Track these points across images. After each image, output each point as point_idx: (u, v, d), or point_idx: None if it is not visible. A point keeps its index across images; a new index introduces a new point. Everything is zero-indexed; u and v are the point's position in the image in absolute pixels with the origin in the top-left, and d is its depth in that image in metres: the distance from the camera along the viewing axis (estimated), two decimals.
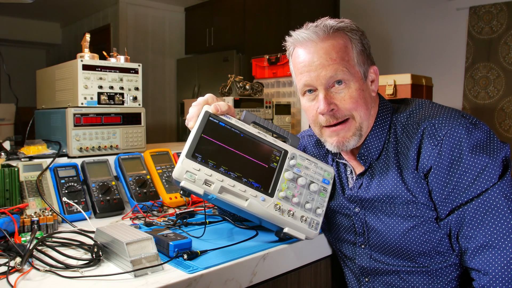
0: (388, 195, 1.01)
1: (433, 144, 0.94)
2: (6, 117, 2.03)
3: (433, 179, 0.94)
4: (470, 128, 0.92)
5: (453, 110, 0.99)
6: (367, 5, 4.31)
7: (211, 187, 0.97)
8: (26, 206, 1.19)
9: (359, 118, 1.01)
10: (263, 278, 0.99)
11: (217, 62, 4.68)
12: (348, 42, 1.01)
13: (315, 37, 1.00)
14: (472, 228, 0.91)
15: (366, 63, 1.04)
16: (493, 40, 3.42)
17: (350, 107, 1.00)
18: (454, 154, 0.91)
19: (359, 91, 1.00)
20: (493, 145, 0.92)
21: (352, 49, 1.01)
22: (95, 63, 1.53)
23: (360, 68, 1.01)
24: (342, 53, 0.99)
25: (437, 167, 0.93)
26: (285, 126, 2.53)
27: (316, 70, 1.00)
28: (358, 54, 1.01)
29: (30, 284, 0.80)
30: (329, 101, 1.00)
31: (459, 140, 0.91)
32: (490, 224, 0.89)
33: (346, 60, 0.99)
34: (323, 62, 0.99)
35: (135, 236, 0.89)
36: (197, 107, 1.06)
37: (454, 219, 0.93)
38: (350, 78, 0.99)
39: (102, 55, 1.64)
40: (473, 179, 0.90)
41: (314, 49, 1.00)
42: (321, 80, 1.00)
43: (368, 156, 1.06)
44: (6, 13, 5.68)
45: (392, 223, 1.02)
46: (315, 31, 1.00)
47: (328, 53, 0.99)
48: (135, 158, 1.50)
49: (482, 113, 3.45)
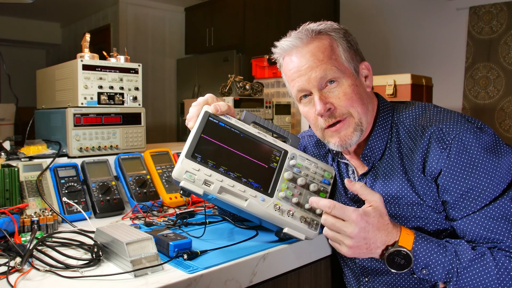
0: (393, 196, 1.01)
1: (441, 148, 0.94)
2: (6, 117, 2.03)
3: (444, 180, 0.94)
4: (477, 133, 0.93)
5: (458, 114, 1.00)
6: (367, 5, 4.31)
7: (211, 187, 0.97)
8: (26, 206, 1.19)
9: (357, 114, 1.01)
10: (263, 278, 0.99)
11: (217, 62, 4.69)
12: (332, 41, 1.02)
13: (299, 42, 1.02)
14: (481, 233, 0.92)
15: (355, 59, 1.04)
16: (493, 40, 3.42)
17: (346, 104, 1.00)
18: (466, 157, 0.92)
19: (352, 87, 1.01)
20: (500, 148, 0.94)
21: (337, 47, 1.02)
22: (95, 63, 1.53)
23: (349, 65, 1.02)
24: (328, 52, 1.00)
25: (449, 169, 0.93)
26: (285, 126, 2.53)
27: (306, 74, 1.01)
28: (344, 51, 1.02)
29: (30, 284, 0.80)
30: (325, 101, 1.00)
31: (469, 144, 0.92)
32: (500, 229, 0.90)
33: (333, 59, 1.00)
34: (311, 65, 1.00)
35: (135, 236, 0.89)
36: (197, 107, 1.06)
37: (467, 223, 0.93)
38: (340, 75, 1.00)
39: (102, 55, 1.64)
40: (488, 182, 0.91)
41: (300, 54, 1.02)
42: (312, 82, 1.00)
43: (371, 157, 1.06)
44: (6, 13, 5.68)
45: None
46: (298, 37, 1.02)
47: (315, 54, 1.00)
48: (135, 158, 1.50)
49: (482, 113, 3.45)
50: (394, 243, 0.90)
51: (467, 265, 0.88)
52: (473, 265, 0.88)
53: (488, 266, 0.87)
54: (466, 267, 0.88)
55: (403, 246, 0.89)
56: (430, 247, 0.91)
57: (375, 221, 0.89)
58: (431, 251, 0.90)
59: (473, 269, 0.88)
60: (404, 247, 0.89)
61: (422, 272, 0.90)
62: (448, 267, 0.89)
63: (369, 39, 4.07)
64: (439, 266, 0.89)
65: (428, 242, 0.91)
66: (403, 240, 0.90)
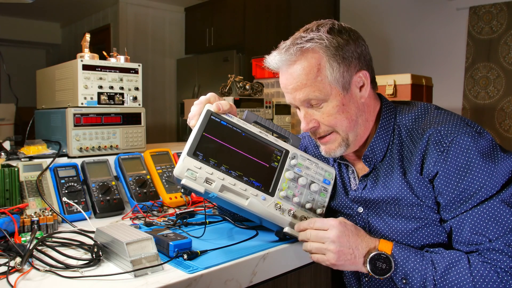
0: (393, 197, 1.01)
1: (438, 150, 0.94)
2: (6, 117, 2.02)
3: (439, 183, 0.95)
4: (475, 137, 0.93)
5: (459, 118, 1.00)
6: (367, 5, 4.31)
7: (212, 185, 0.97)
8: (26, 206, 1.18)
9: (342, 131, 1.02)
10: (263, 278, 0.99)
11: (217, 62, 4.68)
12: (321, 59, 0.97)
13: (284, 65, 1.01)
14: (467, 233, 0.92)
15: (347, 73, 0.99)
16: (493, 40, 3.42)
17: (330, 123, 1.02)
18: (462, 160, 0.92)
19: (337, 107, 1.00)
20: (497, 154, 0.93)
21: (325, 66, 0.97)
22: (95, 63, 1.53)
23: (337, 84, 0.98)
24: (313, 74, 0.97)
25: (444, 172, 0.94)
26: (285, 126, 2.53)
27: (291, 93, 1.02)
28: (333, 70, 0.97)
29: (30, 284, 0.80)
30: (309, 118, 1.03)
31: (466, 147, 0.92)
32: (486, 230, 0.90)
33: (318, 81, 0.98)
34: (295, 87, 1.00)
35: (135, 236, 0.89)
36: (199, 106, 1.06)
37: (455, 223, 0.94)
38: (325, 97, 0.99)
39: (102, 55, 1.64)
40: (480, 185, 0.91)
41: (286, 74, 1.02)
42: (297, 102, 1.02)
43: (372, 158, 1.06)
44: (6, 13, 5.68)
45: (395, 224, 1.02)
46: (284, 59, 1.00)
47: (298, 77, 0.99)
48: (135, 158, 1.50)
49: (482, 113, 3.45)
50: (374, 247, 0.94)
51: (442, 273, 0.90)
52: (449, 273, 0.89)
53: (464, 273, 0.88)
54: (441, 275, 0.90)
55: (383, 251, 0.93)
56: (408, 255, 0.93)
57: (353, 228, 0.96)
58: (409, 259, 0.92)
59: (449, 277, 0.89)
60: (385, 251, 0.93)
61: (402, 282, 0.93)
62: (424, 275, 0.91)
63: (369, 39, 4.05)
64: (417, 274, 0.91)
65: (406, 250, 0.94)
66: (382, 246, 0.95)
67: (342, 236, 0.93)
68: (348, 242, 0.94)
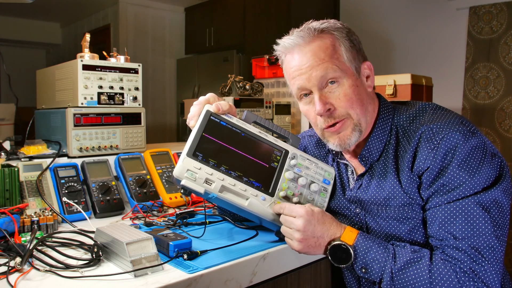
0: (384, 197, 1.01)
1: (429, 147, 0.94)
2: (6, 117, 2.02)
3: (425, 178, 0.96)
4: (467, 135, 0.93)
5: (454, 116, 0.99)
6: (367, 5, 4.31)
7: (212, 186, 0.97)
8: (26, 206, 1.18)
9: (356, 115, 1.01)
10: (263, 278, 0.99)
11: (217, 62, 4.68)
12: (335, 40, 1.01)
13: (301, 41, 1.01)
14: (436, 227, 0.93)
15: (357, 58, 1.03)
16: (493, 40, 3.42)
17: (346, 105, 1.00)
18: (448, 155, 0.92)
19: (353, 88, 1.00)
20: (485, 156, 0.92)
21: (340, 47, 1.01)
22: (95, 63, 1.53)
23: (351, 64, 1.01)
24: (330, 51, 1.00)
25: (433, 167, 0.94)
26: (285, 126, 2.53)
27: (307, 72, 1.00)
28: (346, 50, 1.01)
29: (30, 284, 0.80)
30: (325, 101, 1.00)
31: (455, 145, 0.92)
32: (455, 228, 0.90)
33: (335, 58, 1.00)
34: (312, 63, 0.99)
35: (135, 236, 0.89)
36: (198, 106, 1.06)
37: (429, 216, 0.96)
38: (342, 75, 1.00)
39: (102, 55, 1.64)
40: (460, 183, 0.91)
41: (302, 53, 1.01)
42: (313, 81, 1.00)
43: (369, 157, 1.06)
44: (6, 13, 5.68)
45: (388, 227, 1.02)
46: (300, 35, 1.01)
47: (316, 53, 0.99)
48: (135, 158, 1.50)
49: (482, 113, 3.45)
50: (338, 237, 0.95)
51: (401, 267, 0.90)
52: (407, 268, 0.90)
53: (422, 270, 0.89)
54: (400, 268, 0.90)
55: (345, 241, 0.95)
56: (371, 245, 0.94)
57: (320, 216, 0.97)
58: (371, 249, 0.93)
59: (407, 272, 0.90)
60: (346, 242, 0.95)
61: (361, 271, 0.94)
62: (384, 266, 0.91)
63: (369, 39, 4.06)
64: (376, 265, 0.92)
65: (369, 240, 0.95)
66: (345, 236, 0.96)
67: (308, 225, 0.94)
68: (314, 231, 0.95)
